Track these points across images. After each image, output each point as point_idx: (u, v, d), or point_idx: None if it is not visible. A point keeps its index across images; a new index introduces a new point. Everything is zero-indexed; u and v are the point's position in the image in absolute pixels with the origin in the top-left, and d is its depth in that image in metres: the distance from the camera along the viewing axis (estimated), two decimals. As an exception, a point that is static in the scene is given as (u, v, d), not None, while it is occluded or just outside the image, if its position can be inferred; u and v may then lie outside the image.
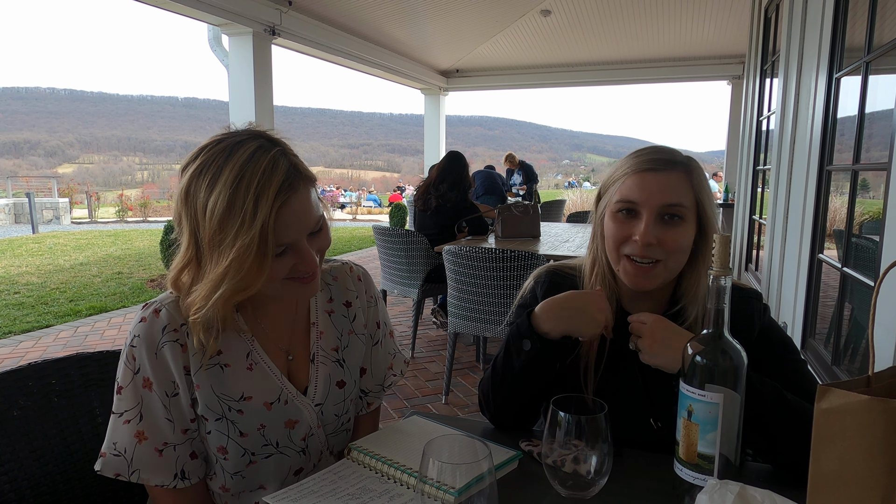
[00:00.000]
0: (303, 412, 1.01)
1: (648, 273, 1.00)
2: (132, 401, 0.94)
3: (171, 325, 0.94)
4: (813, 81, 2.99)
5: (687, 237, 1.00)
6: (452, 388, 3.52)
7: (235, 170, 0.84)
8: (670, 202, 0.99)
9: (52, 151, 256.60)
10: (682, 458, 0.83)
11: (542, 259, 2.97)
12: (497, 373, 1.07)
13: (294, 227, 0.88)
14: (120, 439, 0.94)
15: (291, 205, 0.86)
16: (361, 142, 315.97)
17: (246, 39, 5.56)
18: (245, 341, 0.99)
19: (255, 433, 0.97)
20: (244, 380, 0.97)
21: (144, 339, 0.93)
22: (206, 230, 0.85)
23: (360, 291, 1.14)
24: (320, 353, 1.05)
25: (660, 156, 1.02)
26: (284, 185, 0.85)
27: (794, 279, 3.10)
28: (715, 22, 7.13)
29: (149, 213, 19.44)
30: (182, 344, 0.94)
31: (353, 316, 1.11)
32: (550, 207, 7.09)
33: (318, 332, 1.07)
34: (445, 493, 0.72)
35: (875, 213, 2.33)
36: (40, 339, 4.65)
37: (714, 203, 1.04)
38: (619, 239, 1.02)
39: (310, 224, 0.91)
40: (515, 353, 1.02)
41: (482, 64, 9.82)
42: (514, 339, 1.02)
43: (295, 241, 0.89)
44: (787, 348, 1.05)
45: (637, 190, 1.00)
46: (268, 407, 0.98)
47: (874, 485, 0.60)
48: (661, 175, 1.00)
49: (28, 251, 9.44)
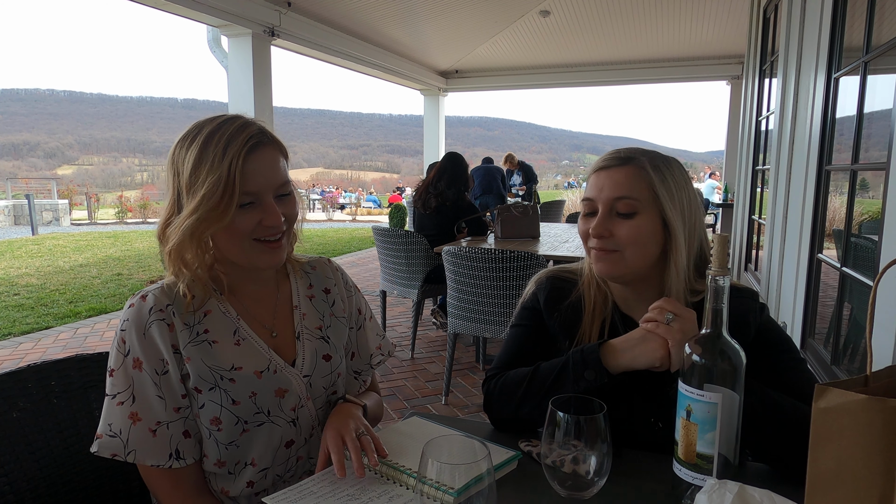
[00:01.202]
0: (291, 382, 1.05)
1: (608, 259, 1.04)
2: (124, 383, 0.97)
3: (157, 306, 0.99)
4: (812, 81, 2.99)
5: (641, 230, 1.02)
6: (452, 388, 3.52)
7: (210, 128, 0.96)
8: (618, 195, 1.03)
9: (51, 153, 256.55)
10: (681, 457, 0.83)
11: (542, 259, 2.97)
12: (534, 388, 1.05)
13: (259, 178, 0.96)
14: (114, 420, 0.96)
15: (258, 155, 0.96)
16: (361, 143, 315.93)
17: (245, 40, 5.56)
18: (231, 320, 1.04)
19: (247, 401, 1.01)
20: (233, 353, 1.02)
21: (133, 321, 0.98)
22: (184, 179, 0.95)
23: (337, 280, 1.21)
24: (305, 331, 1.11)
25: (614, 154, 1.07)
26: (252, 139, 0.96)
27: (793, 279, 3.10)
28: (714, 22, 7.14)
29: (148, 215, 19.44)
30: (169, 323, 0.99)
31: (332, 301, 1.18)
32: (550, 208, 7.10)
33: (301, 313, 1.13)
34: (444, 493, 0.72)
35: (874, 213, 2.33)
36: (40, 341, 4.64)
37: (680, 199, 1.03)
38: (584, 234, 1.09)
39: (275, 180, 0.98)
40: (573, 380, 1.01)
41: (481, 64, 9.82)
42: (576, 367, 1.01)
43: (260, 192, 0.96)
44: (785, 347, 1.06)
45: (591, 188, 1.07)
46: (258, 375, 1.02)
47: (872, 484, 0.60)
48: (611, 171, 1.05)
49: (27, 253, 9.44)
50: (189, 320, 1.00)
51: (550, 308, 1.15)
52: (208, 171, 0.92)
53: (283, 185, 1.00)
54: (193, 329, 1.00)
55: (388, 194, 31.13)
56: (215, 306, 1.04)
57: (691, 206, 1.04)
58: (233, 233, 0.97)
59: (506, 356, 1.17)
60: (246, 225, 0.96)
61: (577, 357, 1.02)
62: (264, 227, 0.98)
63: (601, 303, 1.11)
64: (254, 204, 0.97)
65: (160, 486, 1.00)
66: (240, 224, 0.96)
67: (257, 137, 0.97)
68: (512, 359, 1.16)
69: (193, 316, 1.01)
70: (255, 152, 0.95)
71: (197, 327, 1.01)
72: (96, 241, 11.24)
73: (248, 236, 0.98)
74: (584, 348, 1.03)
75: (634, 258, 1.03)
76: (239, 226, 0.96)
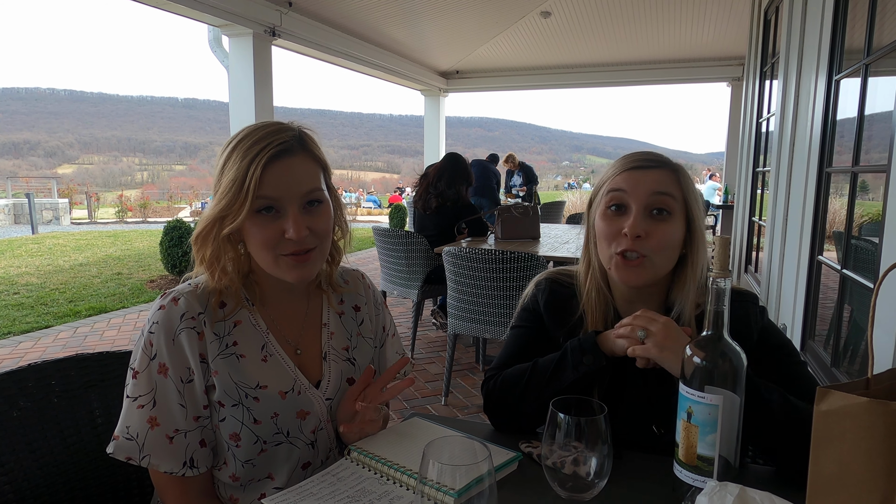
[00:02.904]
0: (314, 404, 1.04)
1: (636, 267, 1.02)
2: (146, 386, 0.95)
3: (188, 314, 0.97)
4: (812, 83, 2.99)
5: (674, 234, 1.02)
6: (452, 389, 3.52)
7: (247, 132, 0.96)
8: (659, 190, 1.01)
9: (51, 152, 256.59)
10: (682, 459, 0.83)
11: (542, 260, 2.97)
12: (534, 381, 1.06)
13: (279, 183, 0.93)
14: (133, 423, 0.94)
15: (283, 161, 0.94)
16: (361, 143, 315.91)
17: (246, 40, 5.56)
18: (260, 334, 1.03)
19: (268, 421, 1.00)
20: (259, 370, 1.00)
21: (163, 325, 0.96)
22: (214, 179, 0.97)
23: (368, 298, 1.19)
24: (332, 351, 1.10)
25: (648, 156, 1.06)
26: (281, 145, 0.94)
27: (793, 281, 3.10)
28: (715, 24, 7.14)
29: (148, 214, 19.45)
30: (199, 332, 0.97)
31: (360, 320, 1.16)
32: (551, 209, 7.10)
33: (329, 332, 1.11)
34: (445, 494, 0.72)
35: (874, 215, 2.33)
36: (40, 340, 4.64)
37: (702, 208, 1.06)
38: (610, 235, 1.04)
39: (299, 189, 0.95)
40: (573, 366, 1.02)
41: (482, 65, 9.82)
42: (574, 353, 1.02)
43: (280, 199, 0.94)
44: (786, 350, 1.06)
45: (626, 182, 1.04)
46: (282, 396, 1.01)
47: (873, 487, 0.60)
48: (649, 171, 1.04)
49: (27, 252, 9.43)
50: (219, 330, 0.99)
51: (550, 310, 1.15)
52: (229, 171, 0.93)
53: (308, 193, 0.96)
54: (223, 340, 0.99)
55: (389, 194, 31.13)
56: (246, 317, 1.02)
57: (702, 216, 1.06)
58: (257, 242, 0.95)
59: (505, 357, 1.17)
60: (268, 234, 0.94)
61: (575, 345, 1.04)
62: (288, 241, 0.95)
63: (603, 310, 1.11)
64: (276, 212, 0.94)
65: (169, 492, 1.00)
66: (262, 232, 0.94)
67: (286, 144, 0.95)
68: (512, 360, 1.16)
69: (224, 325, 1.00)
70: (280, 158, 0.94)
71: (226, 339, 0.99)
72: (96, 240, 11.24)
73: (273, 249, 0.95)
74: (580, 337, 1.05)
75: (662, 264, 1.03)
76: (261, 234, 0.94)
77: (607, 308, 1.11)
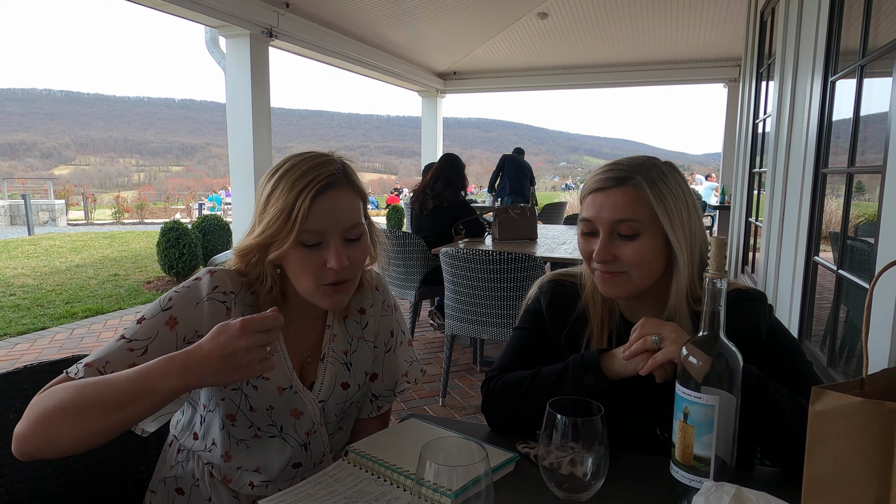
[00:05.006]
0: (307, 405, 1.05)
1: (614, 281, 1.03)
2: (146, 333, 0.94)
3: (221, 288, 0.99)
4: (808, 84, 3.01)
5: (646, 250, 1.01)
6: (449, 390, 3.52)
7: (293, 162, 0.98)
8: (619, 218, 1.00)
9: (48, 153, 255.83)
10: (678, 460, 0.83)
11: (539, 261, 2.97)
12: (533, 390, 1.06)
13: (325, 217, 0.95)
14: (114, 361, 0.90)
15: (329, 195, 0.96)
16: (358, 144, 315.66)
17: (243, 41, 5.55)
18: None
19: (263, 412, 1.02)
20: None
21: (192, 289, 0.99)
22: (259, 206, 0.99)
23: (375, 300, 1.18)
24: (330, 353, 1.10)
25: (610, 174, 1.03)
26: (328, 178, 0.96)
27: (789, 281, 3.11)
28: (711, 25, 7.16)
29: (145, 215, 19.42)
30: (228, 307, 0.99)
31: (364, 323, 1.16)
32: (552, 210, 7.10)
33: (332, 334, 1.11)
34: (442, 495, 0.72)
35: (870, 216, 2.34)
36: (36, 342, 4.63)
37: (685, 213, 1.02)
38: (586, 254, 1.07)
39: (343, 223, 0.97)
40: (573, 384, 1.01)
41: (479, 66, 9.83)
42: (575, 371, 1.02)
43: (325, 232, 0.96)
44: (793, 350, 1.05)
45: (590, 209, 1.04)
46: (279, 391, 1.03)
47: (868, 486, 0.60)
48: (609, 193, 1.02)
49: (24, 253, 9.41)
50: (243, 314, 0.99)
51: (553, 313, 1.15)
52: (276, 201, 0.95)
53: (352, 227, 0.98)
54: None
55: (386, 195, 31.12)
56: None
57: (690, 217, 1.02)
58: (299, 270, 0.97)
59: (507, 358, 1.17)
60: (311, 264, 0.96)
61: (578, 362, 1.03)
62: (329, 271, 0.96)
63: (607, 314, 1.11)
64: (320, 245, 0.96)
65: None
66: (304, 262, 0.96)
67: (332, 178, 0.97)
68: (513, 361, 1.16)
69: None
70: (326, 192, 0.95)
71: None
72: (93, 241, 11.21)
73: (315, 278, 0.97)
74: (584, 354, 1.04)
75: (641, 277, 1.03)
76: (304, 263, 0.96)
77: (612, 308, 1.11)
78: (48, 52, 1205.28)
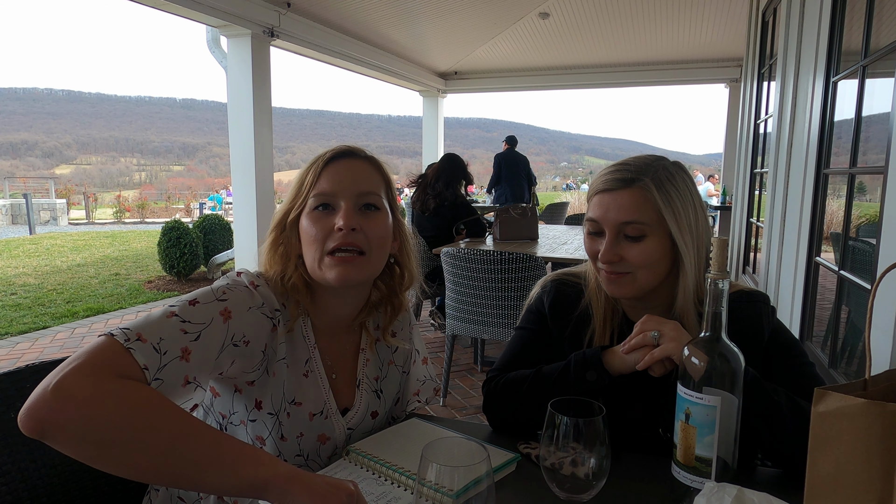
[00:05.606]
0: (335, 430, 1.02)
1: (619, 281, 1.03)
2: (201, 317, 0.84)
3: (269, 305, 0.93)
4: (810, 85, 3.00)
5: (651, 252, 1.01)
6: (450, 390, 3.52)
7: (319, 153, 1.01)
8: (625, 220, 1.01)
9: (49, 152, 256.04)
10: (680, 460, 0.83)
11: (540, 261, 2.97)
12: (535, 389, 1.06)
13: (337, 178, 0.96)
14: (168, 339, 0.79)
15: (342, 161, 0.98)
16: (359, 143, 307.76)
17: (244, 41, 5.55)
18: (308, 347, 1.01)
19: (293, 440, 0.98)
20: (298, 384, 0.98)
21: (246, 293, 0.91)
22: None
23: (404, 324, 1.16)
24: (365, 380, 1.07)
25: (617, 175, 1.03)
26: (347, 150, 1.00)
27: (791, 282, 3.10)
28: (712, 25, 7.15)
29: (146, 215, 19.43)
30: (274, 323, 0.94)
31: (395, 347, 1.13)
32: (554, 210, 7.10)
33: (366, 359, 1.08)
34: (443, 495, 0.72)
35: (872, 216, 2.34)
36: (37, 341, 4.63)
37: (692, 214, 1.02)
38: (591, 254, 1.07)
39: (355, 187, 0.96)
40: (575, 381, 1.02)
41: (480, 66, 9.83)
42: (577, 368, 1.02)
43: (335, 193, 0.95)
44: (796, 351, 1.05)
45: (597, 210, 1.04)
46: (310, 417, 0.99)
47: (870, 488, 0.60)
48: (616, 194, 1.02)
49: (25, 252, 9.42)
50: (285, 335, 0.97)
51: (555, 312, 1.15)
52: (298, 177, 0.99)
53: (366, 193, 0.96)
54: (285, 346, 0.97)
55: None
56: (299, 326, 1.00)
57: (698, 218, 1.02)
58: (309, 238, 0.95)
59: (508, 358, 1.17)
60: (319, 228, 0.94)
61: (580, 358, 1.03)
62: (336, 233, 0.93)
63: (610, 313, 1.11)
64: (331, 208, 0.95)
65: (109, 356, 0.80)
66: (313, 227, 0.94)
67: (351, 151, 1.00)
68: (515, 360, 1.16)
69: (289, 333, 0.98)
70: (339, 159, 0.98)
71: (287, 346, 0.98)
72: (94, 240, 11.22)
73: (322, 244, 0.93)
74: (586, 351, 1.04)
75: (646, 278, 1.03)
76: (312, 229, 0.94)
77: (614, 307, 1.11)
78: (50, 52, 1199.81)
